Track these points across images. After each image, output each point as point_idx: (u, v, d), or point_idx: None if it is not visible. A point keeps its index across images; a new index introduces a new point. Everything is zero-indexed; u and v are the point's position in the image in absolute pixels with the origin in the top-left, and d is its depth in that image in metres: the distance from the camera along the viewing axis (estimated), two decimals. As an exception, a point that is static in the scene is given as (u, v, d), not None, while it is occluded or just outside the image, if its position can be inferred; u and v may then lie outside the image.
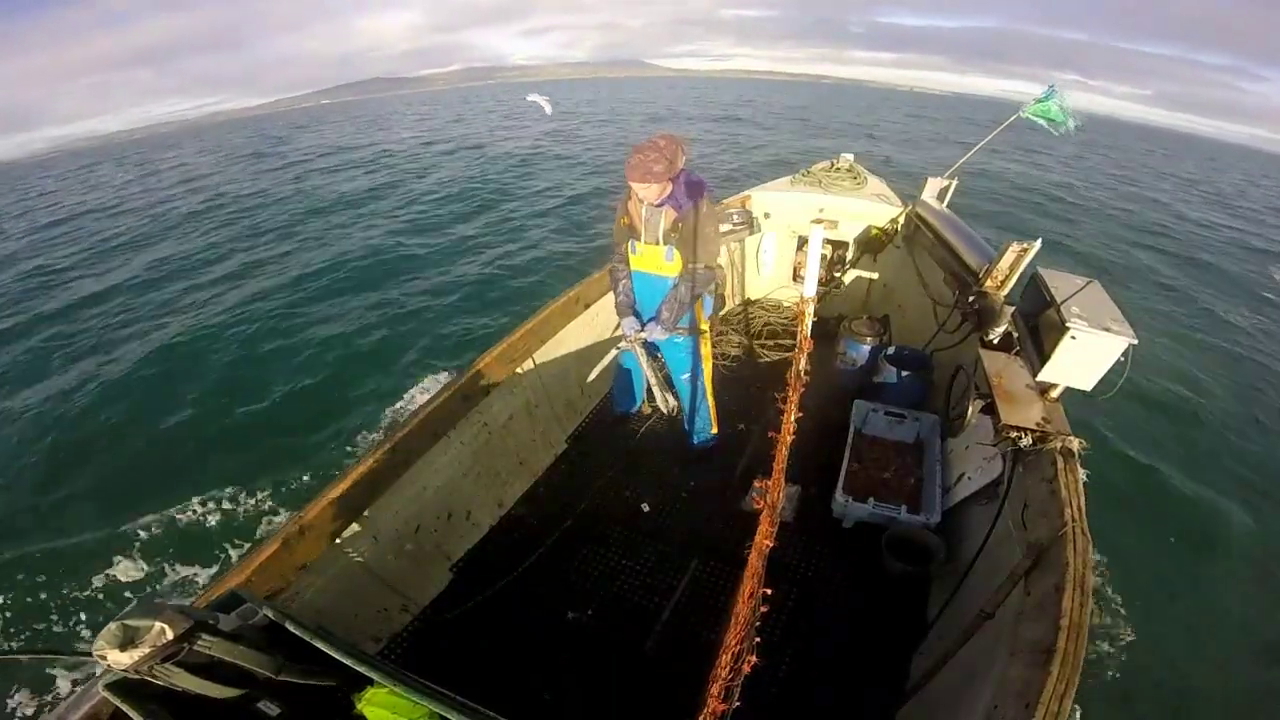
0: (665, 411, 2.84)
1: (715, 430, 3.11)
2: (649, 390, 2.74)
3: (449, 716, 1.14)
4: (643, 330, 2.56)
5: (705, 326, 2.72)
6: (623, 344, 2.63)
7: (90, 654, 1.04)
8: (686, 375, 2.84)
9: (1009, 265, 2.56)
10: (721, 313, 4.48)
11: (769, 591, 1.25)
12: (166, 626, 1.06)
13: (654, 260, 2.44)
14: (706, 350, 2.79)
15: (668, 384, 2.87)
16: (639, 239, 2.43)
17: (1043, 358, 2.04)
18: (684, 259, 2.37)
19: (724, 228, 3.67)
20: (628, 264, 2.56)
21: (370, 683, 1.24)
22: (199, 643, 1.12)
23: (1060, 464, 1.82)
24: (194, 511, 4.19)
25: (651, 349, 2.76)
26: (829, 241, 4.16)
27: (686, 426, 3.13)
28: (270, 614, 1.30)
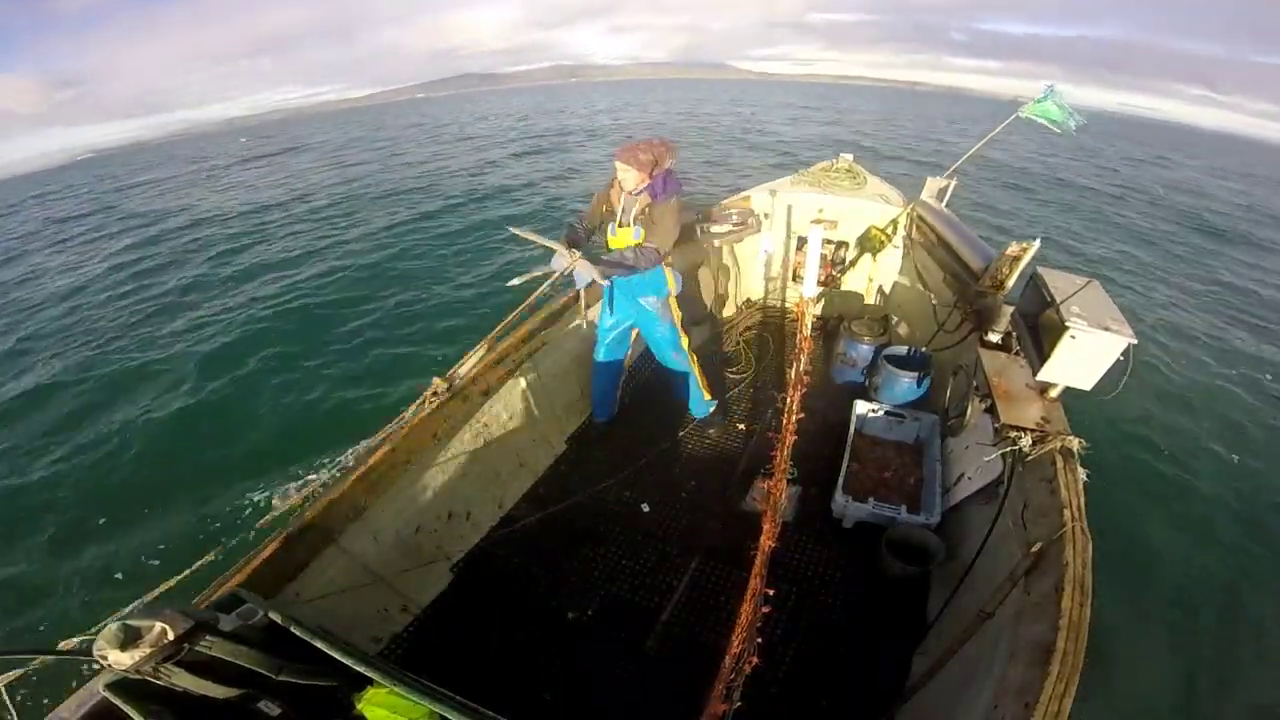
0: (584, 324, 2.78)
1: (709, 397, 3.20)
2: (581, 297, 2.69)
3: (449, 716, 1.14)
4: (580, 258, 2.45)
5: (674, 301, 2.88)
6: (557, 260, 2.47)
7: (90, 654, 1.04)
8: (674, 353, 2.98)
9: (1009, 265, 2.56)
10: (722, 313, 4.48)
11: (771, 592, 1.25)
12: (167, 627, 1.06)
13: (625, 240, 2.64)
14: (679, 320, 2.95)
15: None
16: (615, 222, 2.66)
17: (1042, 357, 2.04)
18: (647, 238, 2.61)
19: (723, 228, 3.73)
20: (590, 235, 2.76)
21: (370, 683, 1.24)
22: (200, 643, 1.12)
23: (1060, 464, 1.82)
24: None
25: (621, 318, 2.93)
26: (829, 241, 4.16)
27: (682, 396, 3.22)
28: (271, 614, 1.30)
